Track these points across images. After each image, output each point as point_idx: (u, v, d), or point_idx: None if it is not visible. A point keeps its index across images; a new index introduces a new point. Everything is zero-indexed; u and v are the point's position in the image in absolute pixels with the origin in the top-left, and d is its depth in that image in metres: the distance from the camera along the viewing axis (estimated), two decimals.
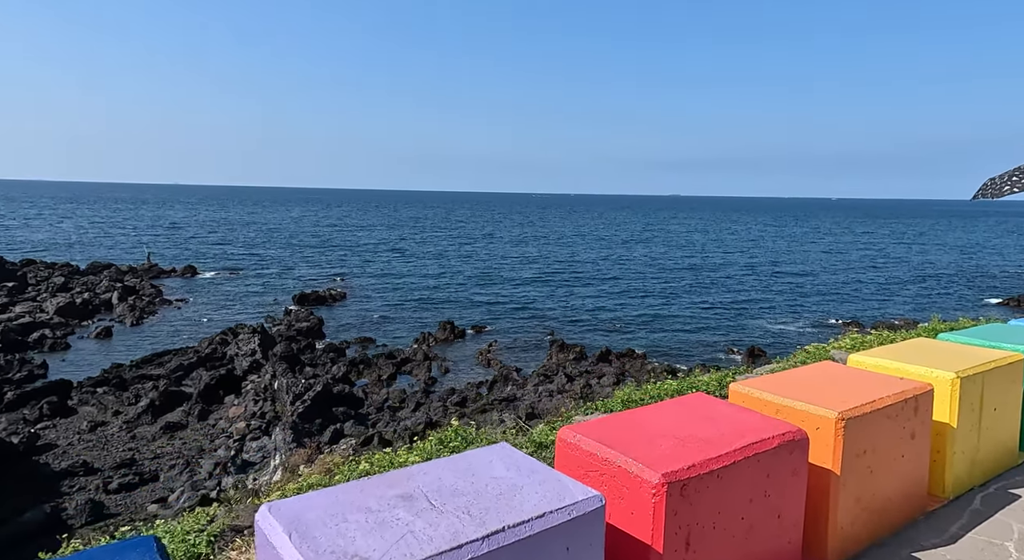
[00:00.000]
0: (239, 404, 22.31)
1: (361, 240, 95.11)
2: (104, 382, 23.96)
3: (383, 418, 22.27)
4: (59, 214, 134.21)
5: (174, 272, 54.10)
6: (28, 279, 45.29)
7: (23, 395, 21.94)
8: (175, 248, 75.48)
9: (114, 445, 18.77)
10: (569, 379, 26.13)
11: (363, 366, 28.21)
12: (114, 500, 15.09)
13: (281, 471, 14.26)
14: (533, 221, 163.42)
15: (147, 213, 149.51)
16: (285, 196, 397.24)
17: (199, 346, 28.71)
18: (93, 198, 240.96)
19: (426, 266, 65.19)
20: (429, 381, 26.79)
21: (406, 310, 42.24)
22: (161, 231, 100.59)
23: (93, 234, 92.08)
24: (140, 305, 38.93)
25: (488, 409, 23.13)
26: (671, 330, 38.06)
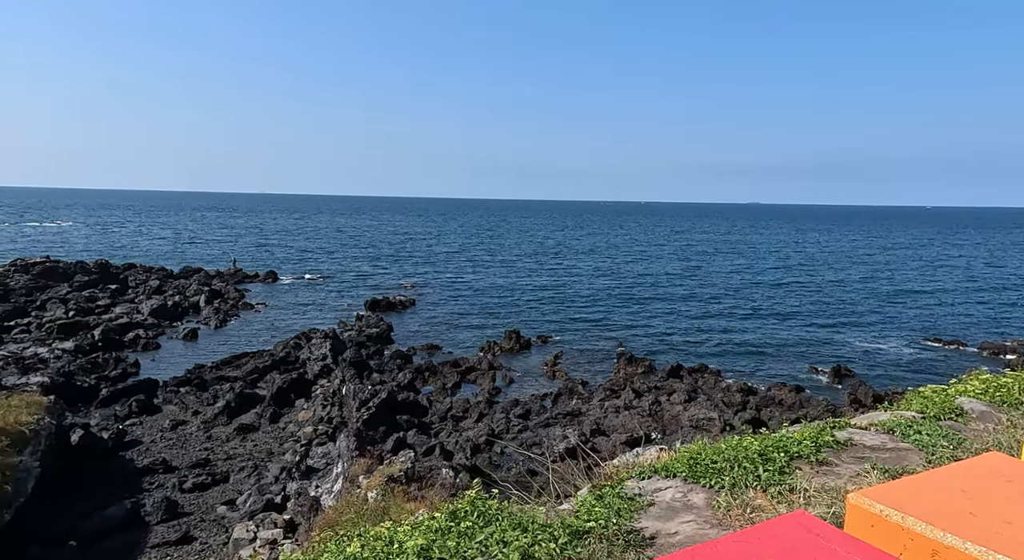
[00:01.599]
0: (308, 408, 22.83)
1: (434, 248, 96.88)
2: (187, 382, 25.21)
3: (446, 428, 22.13)
4: (161, 222, 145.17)
5: (257, 277, 56.89)
6: (129, 282, 48.88)
7: (116, 392, 23.38)
8: (259, 254, 79.62)
9: (192, 444, 19.59)
10: (637, 395, 25.11)
11: (429, 373, 28.31)
12: (187, 499, 15.64)
13: (342, 481, 14.28)
14: (604, 230, 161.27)
15: (236, 221, 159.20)
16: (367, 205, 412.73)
17: (274, 349, 29.77)
18: (191, 206, 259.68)
19: (495, 275, 65.39)
20: (493, 391, 26.49)
21: (473, 318, 42.31)
22: (247, 238, 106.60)
23: (188, 240, 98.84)
24: (224, 308, 41.02)
25: (551, 423, 22.55)
26: (747, 345, 36.04)
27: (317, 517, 12.86)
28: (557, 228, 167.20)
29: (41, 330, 33.05)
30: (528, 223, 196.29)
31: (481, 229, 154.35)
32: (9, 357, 26.84)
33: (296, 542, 12.49)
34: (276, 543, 12.34)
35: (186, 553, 13.11)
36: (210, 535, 13.92)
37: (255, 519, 13.50)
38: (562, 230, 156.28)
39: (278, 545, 12.29)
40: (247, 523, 13.31)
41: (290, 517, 13.62)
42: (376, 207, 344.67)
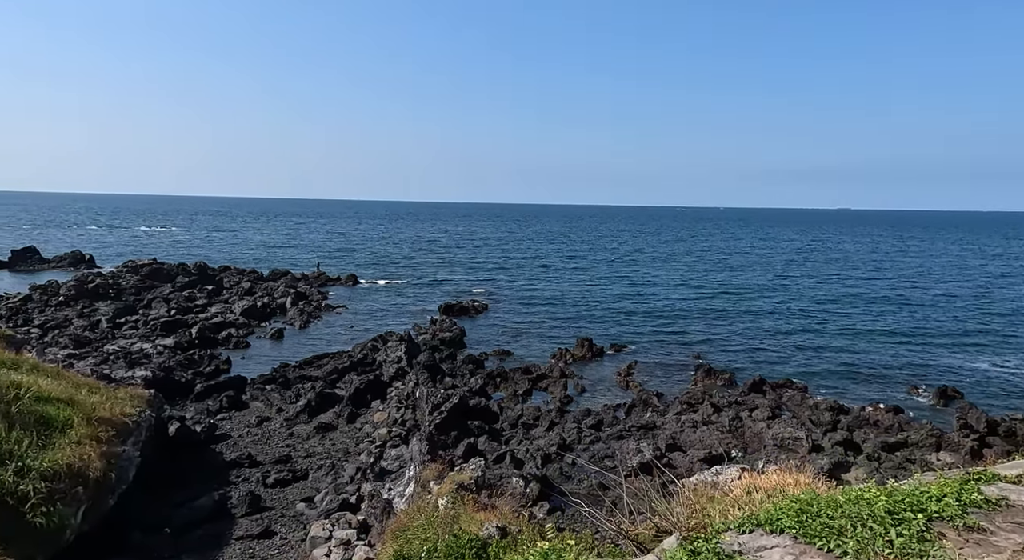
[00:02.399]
0: (383, 410, 23.37)
1: (509, 254, 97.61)
2: (272, 380, 26.48)
3: (516, 435, 22.00)
4: (255, 227, 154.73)
5: (338, 280, 59.30)
6: (224, 283, 52.24)
7: (209, 388, 24.90)
8: (341, 258, 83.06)
9: (275, 440, 20.49)
10: (716, 409, 24.00)
11: (500, 379, 28.33)
12: (270, 494, 16.32)
13: (413, 485, 14.42)
14: (683, 237, 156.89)
15: (323, 226, 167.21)
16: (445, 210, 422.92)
17: (352, 351, 30.78)
18: (284, 212, 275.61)
19: (569, 281, 64.92)
20: (564, 400, 26.14)
21: (545, 325, 42.09)
22: (332, 243, 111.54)
23: (278, 244, 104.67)
24: (308, 310, 42.96)
25: (625, 435, 21.93)
26: (838, 362, 33.73)
27: (389, 520, 13.02)
28: (633, 234, 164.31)
29: (146, 327, 35.83)
30: (604, 229, 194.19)
31: (556, 235, 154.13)
32: (119, 351, 29.22)
33: (369, 544, 12.70)
34: (350, 544, 12.60)
35: (267, 547, 13.64)
36: (289, 531, 14.43)
37: (331, 518, 13.87)
38: (638, 237, 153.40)
39: (352, 546, 12.53)
40: (323, 521, 13.68)
41: (363, 518, 13.89)
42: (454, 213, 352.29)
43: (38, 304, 40.86)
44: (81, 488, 11.28)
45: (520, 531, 10.12)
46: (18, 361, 15.31)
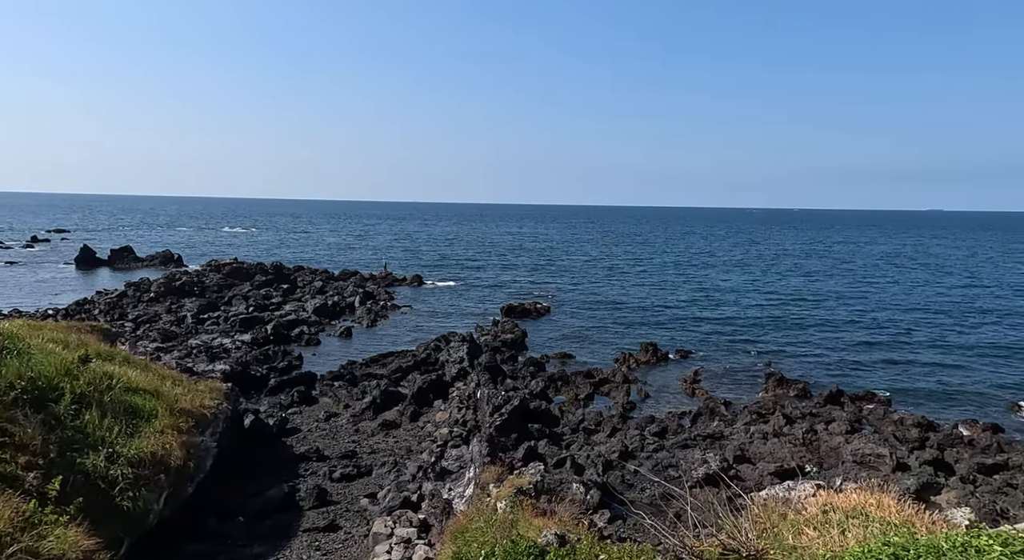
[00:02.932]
0: (445, 409, 23.65)
1: (574, 256, 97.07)
2: (340, 377, 27.35)
3: (577, 440, 21.72)
4: (328, 229, 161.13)
5: (404, 281, 60.72)
6: (297, 282, 54.58)
7: (282, 382, 25.99)
8: (408, 259, 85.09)
9: (341, 436, 21.13)
10: (788, 421, 22.83)
11: (561, 383, 28.10)
12: (336, 488, 16.80)
13: (473, 486, 14.47)
14: (757, 240, 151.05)
15: (391, 228, 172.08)
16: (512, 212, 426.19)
17: (416, 350, 31.36)
18: (356, 214, 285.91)
19: (634, 284, 63.75)
20: (627, 405, 25.60)
21: (608, 328, 41.47)
22: (399, 244, 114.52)
23: (349, 244, 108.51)
24: (375, 309, 44.19)
25: (690, 444, 21.21)
26: (926, 374, 31.40)
27: (448, 521, 13.10)
28: (703, 237, 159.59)
29: (227, 323, 37.88)
30: (672, 231, 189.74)
31: (622, 237, 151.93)
32: (201, 346, 31.01)
33: (429, 543, 12.82)
34: (410, 542, 12.76)
35: (332, 541, 14.03)
36: (353, 525, 14.79)
37: (393, 515, 14.11)
38: (708, 239, 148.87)
39: (412, 544, 12.69)
40: (385, 518, 13.94)
41: (424, 517, 14.05)
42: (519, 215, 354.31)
43: (132, 300, 44.02)
44: (163, 475, 11.98)
45: (579, 540, 9.91)
46: (112, 353, 16.47)
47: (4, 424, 9.96)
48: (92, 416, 11.84)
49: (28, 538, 7.07)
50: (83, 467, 10.64)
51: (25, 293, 49.26)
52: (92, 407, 12.05)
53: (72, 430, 11.30)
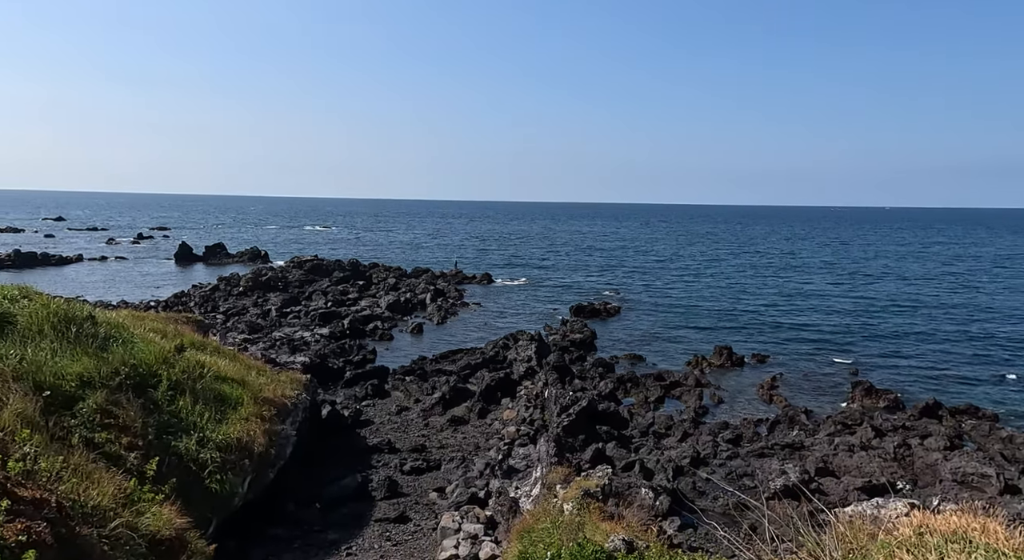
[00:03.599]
0: (513, 408, 23.74)
1: (647, 255, 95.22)
2: (411, 372, 28.03)
3: (646, 444, 21.24)
4: (403, 227, 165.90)
5: (474, 279, 61.55)
6: (372, 279, 56.49)
7: (357, 375, 26.96)
8: (478, 257, 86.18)
9: (412, 429, 21.65)
10: (878, 434, 21.36)
11: (631, 385, 27.58)
12: (406, 481, 17.24)
13: (540, 486, 14.42)
14: (845, 239, 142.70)
15: (463, 226, 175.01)
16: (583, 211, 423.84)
17: (485, 348, 31.68)
18: (430, 213, 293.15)
19: (709, 285, 61.71)
20: (699, 410, 24.80)
21: (680, 331, 40.33)
22: (470, 242, 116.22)
23: (422, 242, 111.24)
24: (445, 306, 45.03)
25: (767, 454, 20.27)
26: None
27: (514, 519, 13.13)
28: (785, 237, 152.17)
29: (307, 317, 39.72)
30: (751, 231, 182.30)
31: (697, 237, 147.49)
32: (283, 338, 32.64)
33: (495, 540, 12.90)
34: (477, 538, 12.89)
35: (402, 532, 14.39)
36: (423, 518, 15.11)
37: (460, 510, 14.29)
38: (791, 240, 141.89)
39: (479, 540, 12.81)
40: (453, 513, 14.14)
41: (491, 514, 14.15)
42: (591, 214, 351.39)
43: (223, 293, 46.98)
44: (247, 460, 12.67)
45: (648, 547, 9.65)
46: (204, 343, 17.59)
47: (109, 407, 10.83)
48: (185, 402, 12.68)
49: (128, 514, 7.64)
50: (177, 449, 11.42)
51: (132, 286, 53.68)
52: (186, 393, 12.91)
53: (168, 414, 12.15)
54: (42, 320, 12.23)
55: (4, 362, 10.10)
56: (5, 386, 9.22)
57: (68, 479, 7.59)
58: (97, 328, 13.22)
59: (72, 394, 10.58)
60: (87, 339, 12.55)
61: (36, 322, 12.11)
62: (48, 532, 5.37)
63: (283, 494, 14.77)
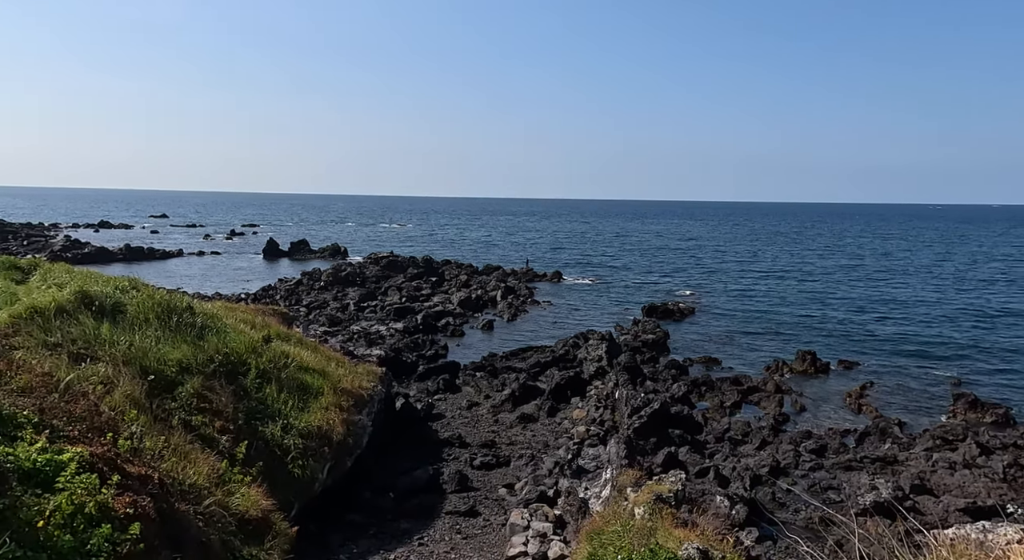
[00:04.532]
0: (582, 407, 23.54)
1: (725, 255, 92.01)
2: (481, 368, 28.38)
3: (722, 450, 20.50)
4: (476, 225, 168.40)
5: (545, 277, 61.54)
6: (445, 276, 57.65)
7: (429, 370, 27.57)
8: (549, 255, 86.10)
9: (482, 425, 21.91)
10: (984, 451, 19.60)
11: (705, 388, 26.70)
12: (476, 475, 17.45)
13: (610, 488, 14.21)
14: (949, 239, 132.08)
15: (535, 224, 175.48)
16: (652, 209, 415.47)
17: (555, 346, 31.59)
18: (501, 211, 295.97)
19: (792, 288, 58.66)
20: (780, 417, 23.65)
21: (759, 333, 38.65)
22: (541, 240, 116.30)
23: (493, 239, 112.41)
24: (516, 304, 45.28)
25: (855, 467, 19.06)
26: None
27: (584, 520, 13.00)
28: (881, 237, 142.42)
29: (382, 311, 41.05)
30: (842, 229, 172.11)
31: (781, 236, 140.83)
32: (360, 332, 33.89)
33: (564, 540, 12.83)
34: (546, 537, 12.86)
35: (471, 526, 14.58)
36: (492, 513, 15.25)
37: (529, 508, 14.31)
38: (886, 238, 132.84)
39: (548, 539, 12.78)
40: (522, 510, 14.18)
41: (560, 513, 14.08)
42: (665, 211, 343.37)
43: (306, 287, 49.36)
44: (327, 448, 13.22)
45: (724, 558, 9.30)
46: (288, 335, 18.51)
47: (205, 392, 11.59)
48: (271, 390, 13.39)
49: (220, 493, 8.15)
50: (263, 435, 12.07)
51: (224, 279, 57.44)
52: (271, 382, 13.63)
53: (256, 401, 12.87)
54: (148, 310, 13.26)
55: (116, 348, 11.03)
56: (116, 370, 10.06)
57: (168, 458, 8.18)
58: (195, 318, 14.19)
59: (172, 379, 11.41)
60: (186, 328, 13.50)
61: (143, 311, 13.14)
62: (151, 507, 5.80)
63: (359, 482, 15.32)
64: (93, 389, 8.67)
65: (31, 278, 15.01)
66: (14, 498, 4.77)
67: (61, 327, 10.75)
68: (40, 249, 68.69)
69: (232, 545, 7.38)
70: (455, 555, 13.24)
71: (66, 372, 8.62)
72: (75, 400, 7.43)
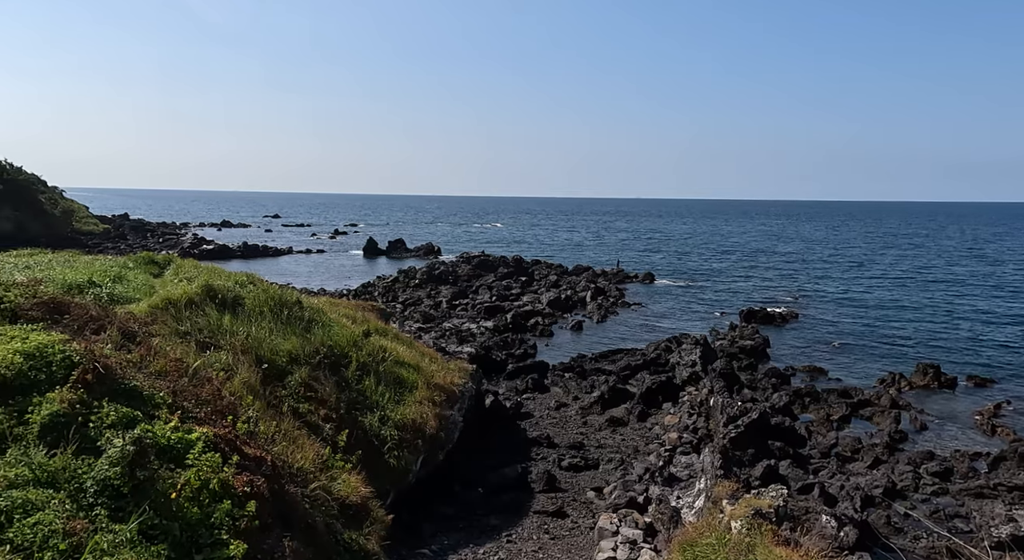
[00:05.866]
0: (675, 413, 22.78)
1: (833, 256, 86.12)
2: (570, 369, 28.22)
3: (828, 467, 19.13)
4: (567, 225, 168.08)
5: (636, 278, 60.27)
6: (534, 276, 57.94)
7: (518, 369, 27.79)
8: (641, 256, 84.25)
9: (570, 426, 21.78)
10: None
11: (809, 399, 25.03)
12: (564, 476, 17.38)
13: (704, 498, 13.66)
14: None
15: (627, 225, 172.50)
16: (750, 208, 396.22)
17: (646, 349, 30.82)
18: (591, 210, 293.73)
19: (912, 296, 53.68)
20: (896, 434, 21.71)
21: (871, 342, 35.71)
22: (633, 241, 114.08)
23: (584, 239, 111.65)
24: (606, 305, 44.66)
25: (988, 495, 17.15)
26: None
27: (675, 530, 12.58)
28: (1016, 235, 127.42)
29: (473, 310, 41.88)
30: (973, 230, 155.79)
31: (898, 237, 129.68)
32: (452, 329, 34.77)
33: (655, 549, 12.48)
34: (636, 544, 12.57)
35: (559, 526, 14.54)
36: (580, 516, 15.13)
37: (618, 513, 14.05)
38: None
39: (637, 546, 12.49)
40: (611, 515, 13.95)
41: (650, 521, 13.71)
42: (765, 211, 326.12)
43: (402, 285, 51.36)
44: (420, 441, 13.67)
45: None
46: (386, 330, 19.32)
47: (311, 382, 12.34)
48: (370, 382, 14.03)
49: (324, 478, 8.63)
50: (362, 425, 12.67)
51: (329, 276, 60.97)
52: (370, 374, 14.28)
53: (356, 392, 13.53)
54: (262, 303, 14.31)
55: (235, 337, 11.98)
56: (236, 358, 10.92)
57: (279, 442, 8.77)
58: (303, 312, 15.14)
59: (283, 368, 12.23)
60: (295, 321, 14.43)
61: (258, 305, 14.20)
62: (265, 487, 6.23)
63: (450, 476, 15.70)
64: (216, 375, 9.46)
65: (166, 272, 16.65)
66: (152, 471, 5.29)
67: (190, 317, 11.83)
68: (172, 246, 76.23)
69: (334, 528, 7.79)
70: (543, 555, 13.25)
71: (194, 358, 9.47)
72: (201, 384, 8.14)
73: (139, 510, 4.97)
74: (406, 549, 12.30)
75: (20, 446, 5.28)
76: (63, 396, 5.82)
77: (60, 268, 14.06)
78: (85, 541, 4.40)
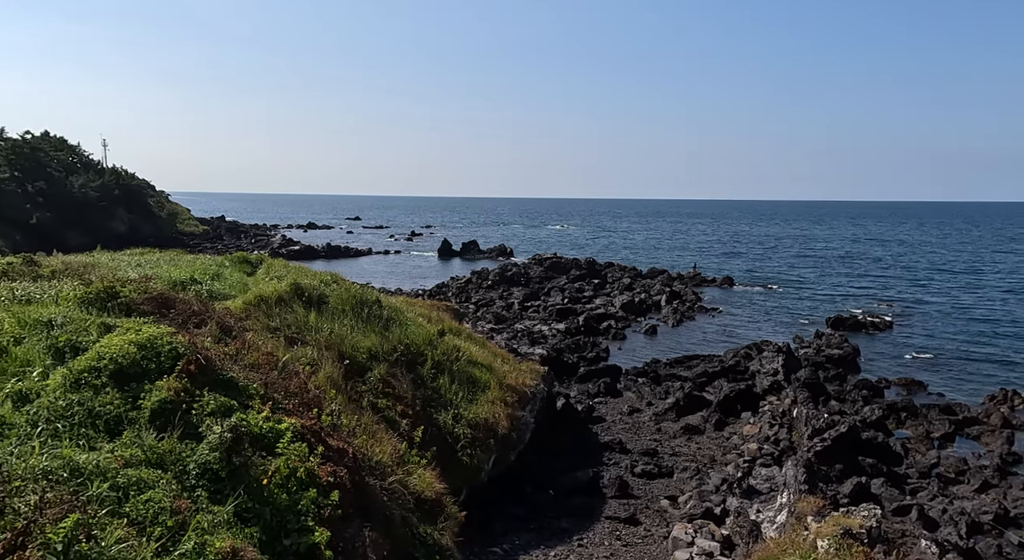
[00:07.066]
0: (754, 423, 21.83)
1: (936, 262, 79.91)
2: (643, 374, 27.64)
3: (928, 488, 17.70)
4: (643, 227, 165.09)
5: (713, 282, 58.25)
6: (607, 278, 57.23)
7: (590, 372, 27.51)
8: (719, 260, 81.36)
9: (643, 432, 21.33)
10: None
11: (906, 415, 23.27)
12: (636, 483, 17.04)
13: (786, 513, 12.99)
14: None
15: (704, 227, 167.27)
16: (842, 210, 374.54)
17: (724, 356, 29.72)
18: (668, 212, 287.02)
19: (1016, 300, 49.00)
20: (1008, 457, 19.80)
21: (979, 357, 32.75)
22: (711, 245, 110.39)
23: (659, 241, 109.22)
24: (681, 309, 43.43)
25: None
26: None
27: (755, 544, 12.03)
28: None
29: (545, 312, 41.88)
30: None
31: (1006, 239, 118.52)
32: (524, 330, 34.92)
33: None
34: (712, 556, 12.14)
35: (632, 534, 14.26)
36: (653, 524, 14.77)
37: (694, 523, 13.62)
38: None
39: (715, 558, 12.05)
40: (686, 525, 13.54)
41: (728, 534, 13.20)
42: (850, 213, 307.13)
43: (475, 286, 52.14)
44: (492, 440, 13.81)
45: None
46: (459, 330, 19.67)
47: (389, 378, 12.75)
48: (444, 381, 14.32)
49: (401, 472, 8.89)
50: (437, 422, 12.96)
51: (405, 276, 62.84)
52: (444, 373, 14.58)
53: (430, 390, 13.86)
54: (344, 302, 14.94)
55: (320, 334, 12.58)
56: (320, 353, 11.46)
57: (360, 435, 9.11)
58: (382, 311, 15.68)
59: (363, 364, 12.71)
60: (374, 319, 14.97)
61: (341, 303, 14.84)
62: (347, 478, 6.49)
63: (521, 477, 15.76)
64: (303, 369, 9.96)
65: (258, 271, 17.72)
66: (246, 457, 5.64)
67: (279, 314, 12.53)
68: (263, 246, 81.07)
69: (410, 521, 8.00)
70: None
71: (283, 353, 10.02)
72: (290, 377, 8.60)
73: (235, 494, 5.31)
74: (478, 547, 12.45)
75: (133, 429, 5.77)
76: (170, 384, 6.31)
77: (166, 266, 15.29)
78: (188, 519, 4.74)
